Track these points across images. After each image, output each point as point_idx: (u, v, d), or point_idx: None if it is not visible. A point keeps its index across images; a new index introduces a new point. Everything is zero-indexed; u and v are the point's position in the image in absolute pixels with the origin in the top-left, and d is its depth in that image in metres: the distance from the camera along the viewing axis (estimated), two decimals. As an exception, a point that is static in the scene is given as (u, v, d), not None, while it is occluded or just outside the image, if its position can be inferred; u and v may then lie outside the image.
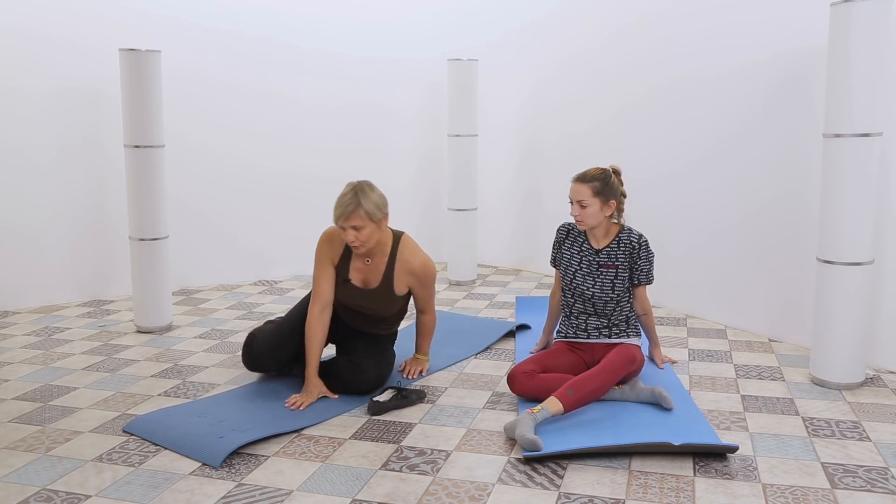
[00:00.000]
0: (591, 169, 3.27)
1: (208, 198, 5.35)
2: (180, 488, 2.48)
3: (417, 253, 3.36)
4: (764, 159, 4.07)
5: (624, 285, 3.31)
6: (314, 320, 3.26)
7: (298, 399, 3.14)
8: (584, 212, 3.22)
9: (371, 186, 3.17)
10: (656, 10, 4.73)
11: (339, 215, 3.10)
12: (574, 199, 3.23)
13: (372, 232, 3.15)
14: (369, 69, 5.88)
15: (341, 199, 3.11)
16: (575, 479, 2.51)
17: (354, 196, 3.09)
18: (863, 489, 2.44)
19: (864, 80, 3.16)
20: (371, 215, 3.11)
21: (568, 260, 3.38)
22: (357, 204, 3.08)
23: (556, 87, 5.55)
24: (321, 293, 3.29)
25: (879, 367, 3.57)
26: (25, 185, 4.75)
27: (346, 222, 3.10)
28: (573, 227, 3.41)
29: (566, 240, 3.42)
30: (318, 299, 3.28)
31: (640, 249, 3.28)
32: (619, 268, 3.29)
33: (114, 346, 4.03)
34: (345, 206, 3.09)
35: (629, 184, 3.44)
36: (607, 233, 3.32)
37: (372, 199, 3.12)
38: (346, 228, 3.11)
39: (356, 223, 3.09)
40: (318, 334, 3.25)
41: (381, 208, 3.17)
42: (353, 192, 3.11)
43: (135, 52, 4.16)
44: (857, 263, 3.27)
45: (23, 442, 2.83)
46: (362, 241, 3.14)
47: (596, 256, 3.31)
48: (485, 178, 5.87)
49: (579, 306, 3.35)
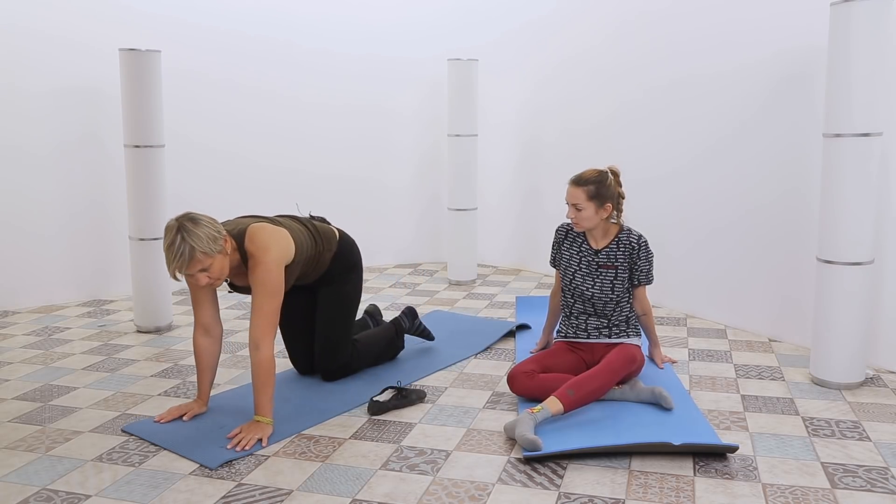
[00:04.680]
0: (588, 171, 3.25)
1: (208, 197, 5.33)
2: (180, 488, 2.48)
3: (257, 239, 2.91)
4: (764, 159, 4.07)
5: (624, 285, 3.31)
6: (196, 345, 3.03)
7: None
8: (579, 215, 3.22)
9: (194, 220, 2.74)
10: (656, 9, 4.73)
11: (178, 267, 2.71)
12: (569, 202, 3.23)
13: (222, 263, 2.80)
14: (369, 69, 5.89)
15: (170, 248, 2.70)
16: (575, 479, 2.51)
17: (183, 241, 2.68)
18: (863, 489, 2.44)
19: (864, 79, 3.16)
20: (210, 252, 2.73)
21: (567, 260, 3.38)
22: (191, 248, 2.68)
23: (556, 86, 5.55)
24: (199, 318, 3.01)
25: (879, 367, 3.56)
26: (26, 185, 4.75)
27: (189, 271, 2.73)
28: (572, 228, 3.41)
29: (565, 240, 3.42)
30: (198, 325, 3.02)
31: (639, 250, 3.28)
32: (619, 268, 3.29)
33: (114, 346, 4.03)
34: (179, 256, 2.69)
35: (629, 183, 3.43)
36: (606, 233, 3.32)
37: (203, 234, 2.71)
38: (195, 275, 2.76)
39: (200, 266, 2.74)
40: (204, 359, 3.03)
41: (217, 235, 2.77)
42: (178, 236, 2.69)
43: (135, 52, 4.16)
44: (857, 263, 3.27)
45: (23, 442, 2.83)
46: (217, 276, 2.81)
47: (595, 257, 3.31)
48: (485, 178, 5.87)
49: (579, 306, 3.35)
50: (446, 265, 5.76)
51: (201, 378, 3.07)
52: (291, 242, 3.04)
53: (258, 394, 2.86)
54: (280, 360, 3.75)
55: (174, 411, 3.02)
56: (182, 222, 2.73)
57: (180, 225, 2.72)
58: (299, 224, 3.24)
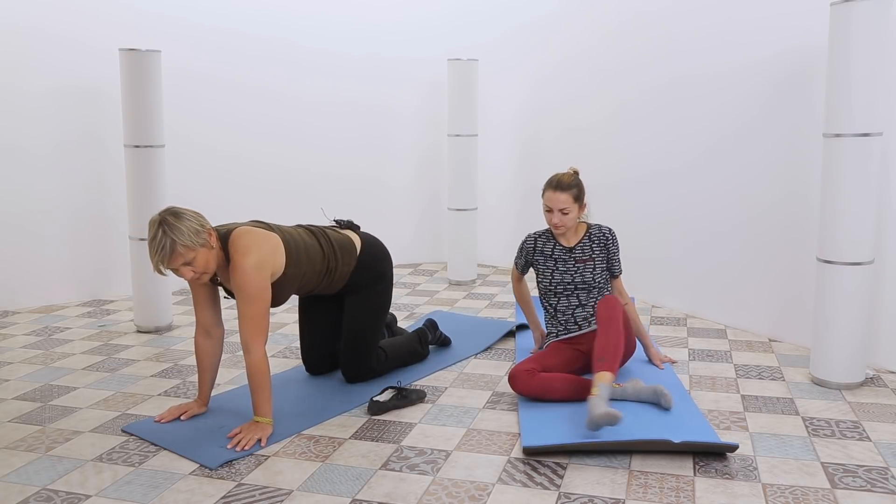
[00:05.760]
0: (565, 175, 3.36)
1: (209, 197, 5.33)
2: (180, 488, 2.48)
3: (238, 242, 2.86)
4: (764, 158, 4.07)
5: (603, 273, 3.41)
6: (196, 346, 3.03)
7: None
8: (565, 218, 3.33)
9: (176, 214, 2.74)
10: (655, 8, 4.73)
11: (160, 261, 2.70)
12: (555, 208, 3.32)
13: (206, 257, 2.77)
14: (370, 68, 5.89)
15: (152, 242, 2.70)
16: (575, 479, 2.51)
17: (164, 234, 2.68)
18: (863, 489, 2.44)
19: (865, 79, 3.16)
20: (192, 245, 2.71)
21: (543, 264, 3.46)
22: (172, 241, 2.67)
23: (556, 85, 5.55)
24: (199, 319, 3.02)
25: (879, 367, 3.56)
26: (26, 185, 4.75)
27: (171, 265, 2.72)
28: (540, 235, 3.51)
29: (534, 250, 3.50)
30: (199, 325, 3.02)
31: (612, 240, 3.43)
32: (596, 259, 3.40)
33: (114, 346, 4.03)
34: (161, 249, 2.68)
35: (629, 182, 3.45)
36: (576, 231, 3.44)
37: (185, 227, 2.70)
38: (178, 269, 2.74)
39: (183, 260, 2.72)
40: (204, 359, 3.04)
41: (201, 228, 2.76)
42: (159, 230, 2.69)
43: (135, 52, 4.16)
44: (857, 263, 3.27)
45: (23, 442, 2.83)
46: (201, 270, 2.78)
47: (570, 254, 3.40)
48: (485, 177, 5.87)
49: (563, 302, 3.40)
50: (446, 265, 5.76)
51: (202, 378, 3.07)
52: (280, 251, 2.95)
53: (255, 395, 2.86)
54: (280, 360, 3.76)
55: (174, 411, 3.02)
56: (164, 216, 2.73)
57: (162, 219, 2.72)
58: (310, 237, 3.15)
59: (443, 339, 3.91)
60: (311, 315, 3.47)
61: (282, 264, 2.97)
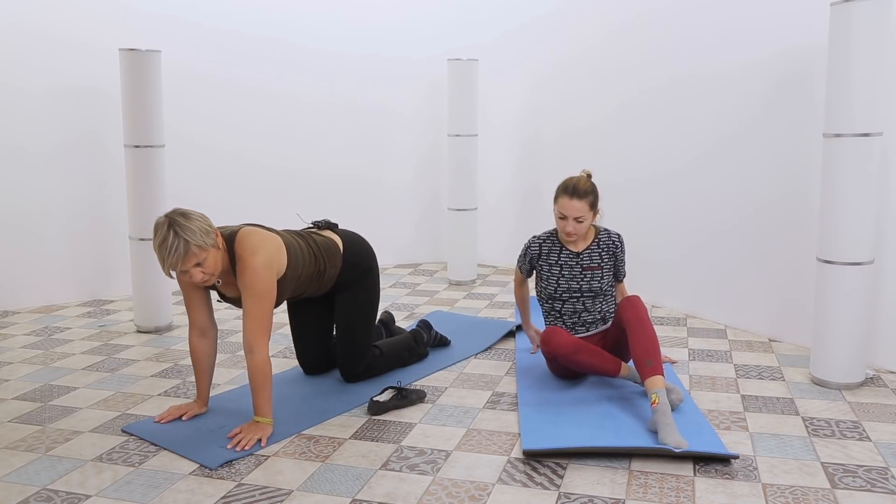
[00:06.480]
0: (581, 181, 3.23)
1: (209, 197, 5.34)
2: (180, 488, 2.48)
3: (246, 242, 2.85)
4: (764, 158, 4.07)
5: (609, 280, 3.38)
6: (192, 347, 3.01)
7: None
8: (579, 226, 3.22)
9: (184, 214, 2.74)
10: (655, 8, 4.73)
11: (174, 263, 2.68)
12: (570, 216, 3.20)
13: (216, 258, 2.77)
14: (369, 68, 5.89)
15: (163, 244, 2.67)
16: (575, 479, 2.51)
17: (176, 235, 2.66)
18: (863, 489, 2.44)
19: (865, 79, 3.16)
20: (204, 245, 2.70)
21: (548, 271, 3.37)
22: (185, 242, 2.66)
23: (556, 85, 5.55)
24: (194, 320, 3.01)
25: (879, 367, 3.56)
26: (26, 185, 4.75)
27: (184, 266, 2.70)
28: (545, 239, 3.40)
29: (540, 255, 3.39)
30: (193, 327, 3.01)
31: (621, 247, 3.39)
32: (605, 267, 3.35)
33: (114, 346, 4.03)
34: (173, 250, 2.66)
35: (629, 182, 3.44)
36: (586, 236, 3.35)
37: (195, 228, 2.69)
38: (189, 271, 2.73)
39: (196, 260, 2.71)
40: (201, 360, 3.03)
41: (209, 228, 2.75)
42: (170, 231, 2.67)
43: (135, 52, 4.16)
44: (857, 263, 3.27)
45: (23, 442, 2.83)
46: (211, 271, 2.77)
47: (578, 259, 3.34)
48: (485, 177, 5.87)
49: (569, 307, 3.36)
50: (446, 265, 5.76)
51: (199, 379, 3.06)
52: (283, 251, 2.97)
53: (256, 396, 2.86)
54: (280, 360, 3.76)
55: (174, 411, 3.02)
56: (172, 217, 2.70)
57: (171, 221, 2.69)
58: (300, 240, 3.15)
59: (439, 338, 3.90)
60: (301, 318, 3.47)
61: (284, 265, 2.99)
